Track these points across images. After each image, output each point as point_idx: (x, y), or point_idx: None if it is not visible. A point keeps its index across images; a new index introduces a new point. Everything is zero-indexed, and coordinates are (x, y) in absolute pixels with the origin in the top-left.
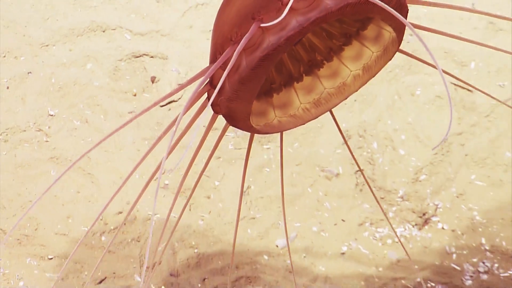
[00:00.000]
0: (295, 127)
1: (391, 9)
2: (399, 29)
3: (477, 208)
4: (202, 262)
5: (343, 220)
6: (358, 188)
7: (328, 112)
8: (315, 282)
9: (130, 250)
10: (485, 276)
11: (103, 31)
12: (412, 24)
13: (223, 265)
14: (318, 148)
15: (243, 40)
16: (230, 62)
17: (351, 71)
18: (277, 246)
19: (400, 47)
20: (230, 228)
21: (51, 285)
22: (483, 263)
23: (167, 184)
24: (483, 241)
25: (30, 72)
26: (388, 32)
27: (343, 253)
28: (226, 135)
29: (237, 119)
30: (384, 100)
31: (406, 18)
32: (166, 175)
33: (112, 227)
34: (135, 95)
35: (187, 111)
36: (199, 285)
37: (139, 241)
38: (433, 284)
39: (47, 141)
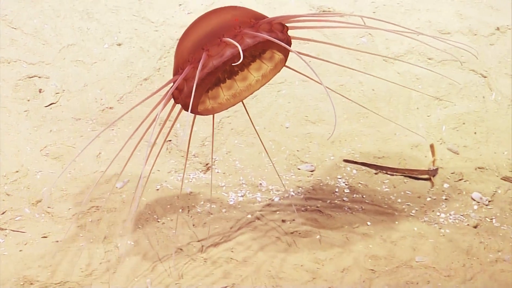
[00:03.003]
0: (222, 111)
1: (286, 45)
2: (285, 54)
3: (238, 159)
4: (70, 198)
5: (158, 170)
6: (168, 151)
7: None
8: (139, 207)
9: (23, 194)
10: (241, 198)
11: (9, 63)
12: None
13: (86, 199)
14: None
15: (200, 63)
16: (196, 77)
17: (254, 77)
18: (117, 187)
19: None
20: (90, 178)
21: None
22: (240, 191)
23: (48, 153)
24: (241, 178)
25: None
26: (278, 55)
27: (157, 190)
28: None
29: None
30: None
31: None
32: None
33: (11, 180)
34: (28, 100)
35: (164, 106)
36: (67, 212)
37: (29, 188)
38: (210, 204)
39: None
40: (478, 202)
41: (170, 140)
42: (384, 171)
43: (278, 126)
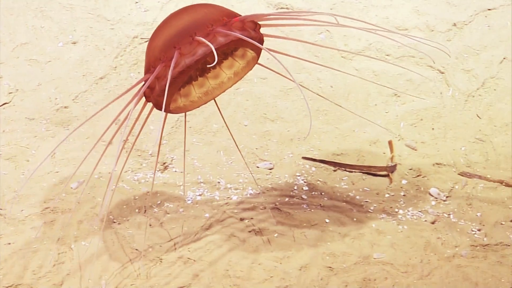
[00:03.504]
0: (194, 108)
1: (257, 43)
2: (257, 52)
3: (196, 158)
4: (23, 199)
5: (115, 170)
6: (124, 151)
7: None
8: (95, 207)
9: None
10: (199, 197)
11: None
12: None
13: (40, 200)
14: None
15: (172, 62)
16: (168, 75)
17: (227, 75)
18: (71, 187)
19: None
20: (44, 178)
21: None
22: (198, 190)
23: (1, 154)
24: (199, 177)
25: None
26: (250, 53)
27: (112, 189)
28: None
29: (161, 106)
30: None
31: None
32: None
33: None
34: None
35: (136, 104)
36: (19, 214)
37: None
38: (168, 204)
39: None
40: (436, 198)
41: (127, 140)
42: (343, 168)
43: (236, 124)
